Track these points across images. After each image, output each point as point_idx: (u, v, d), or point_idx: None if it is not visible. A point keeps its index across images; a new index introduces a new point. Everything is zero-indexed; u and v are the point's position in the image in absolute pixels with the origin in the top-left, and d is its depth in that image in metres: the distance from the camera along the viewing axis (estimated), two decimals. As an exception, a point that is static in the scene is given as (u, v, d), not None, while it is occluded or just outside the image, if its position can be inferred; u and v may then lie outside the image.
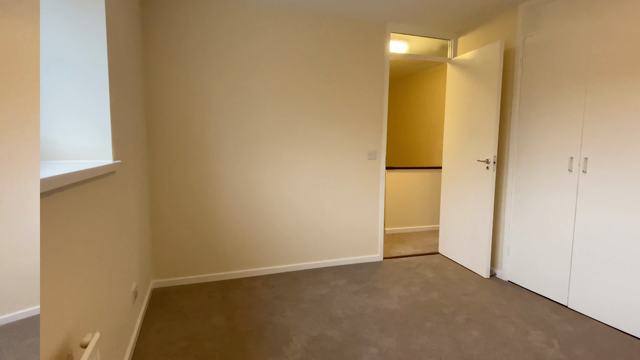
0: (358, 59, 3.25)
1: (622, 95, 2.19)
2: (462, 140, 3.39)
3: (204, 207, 2.91)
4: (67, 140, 1.59)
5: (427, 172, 4.79)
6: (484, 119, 3.09)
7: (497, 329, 2.24)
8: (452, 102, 3.58)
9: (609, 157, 2.26)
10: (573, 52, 2.48)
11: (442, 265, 3.43)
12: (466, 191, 3.34)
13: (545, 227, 2.70)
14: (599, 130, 2.32)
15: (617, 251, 2.23)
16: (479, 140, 3.14)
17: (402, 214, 4.72)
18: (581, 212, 2.44)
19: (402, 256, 3.70)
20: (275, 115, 3.04)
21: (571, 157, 2.50)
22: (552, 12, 2.65)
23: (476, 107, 3.19)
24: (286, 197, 3.14)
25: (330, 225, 3.33)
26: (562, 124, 2.56)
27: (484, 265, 3.12)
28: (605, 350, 2.02)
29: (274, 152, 3.07)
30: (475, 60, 3.21)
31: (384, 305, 2.56)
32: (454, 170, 3.53)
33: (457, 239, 3.48)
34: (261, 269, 3.13)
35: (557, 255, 2.61)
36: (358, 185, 3.39)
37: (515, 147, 2.97)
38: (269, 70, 2.98)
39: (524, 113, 2.88)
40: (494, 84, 2.96)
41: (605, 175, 2.29)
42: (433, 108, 5.46)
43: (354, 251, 3.45)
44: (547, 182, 2.69)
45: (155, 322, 2.30)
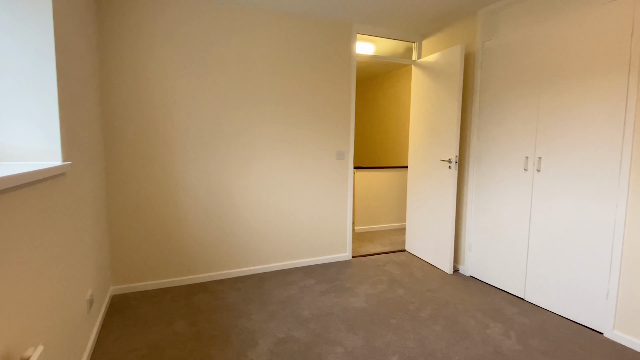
0: (326, 59, 3.26)
1: (570, 99, 2.33)
2: (427, 141, 3.48)
3: (167, 210, 2.82)
4: (11, 141, 1.49)
5: (394, 172, 4.88)
6: (446, 120, 3.18)
7: (459, 323, 2.32)
8: (416, 103, 3.67)
9: (560, 156, 2.40)
10: (527, 58, 2.61)
11: (408, 262, 3.50)
12: (430, 190, 3.44)
13: (504, 224, 2.83)
14: (551, 132, 2.46)
15: (567, 245, 2.37)
16: (442, 141, 3.24)
17: (371, 212, 4.79)
18: (536, 209, 2.57)
19: (371, 254, 3.75)
20: (242, 115, 2.99)
21: (527, 157, 2.63)
22: (508, 18, 2.77)
23: (439, 109, 3.29)
24: (254, 198, 3.10)
25: (300, 226, 3.32)
26: (518, 125, 2.69)
27: (447, 261, 3.22)
28: (558, 340, 2.14)
29: (241, 153, 3.01)
30: (438, 62, 3.31)
31: (352, 303, 2.58)
32: (419, 169, 3.62)
33: (423, 236, 3.58)
34: (228, 271, 3.07)
35: (515, 250, 2.74)
36: (327, 185, 3.40)
37: (475, 147, 3.08)
38: (234, 68, 2.93)
39: (483, 114, 3.00)
40: (455, 86, 3.06)
41: (557, 173, 2.42)
42: (400, 109, 5.57)
43: (323, 251, 3.46)
44: (505, 180, 2.81)
45: (113, 331, 2.19)
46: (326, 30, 3.24)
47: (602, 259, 2.19)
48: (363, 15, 3.14)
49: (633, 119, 2.01)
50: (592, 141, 2.22)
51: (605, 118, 2.15)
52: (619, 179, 2.09)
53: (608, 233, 2.15)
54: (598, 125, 2.19)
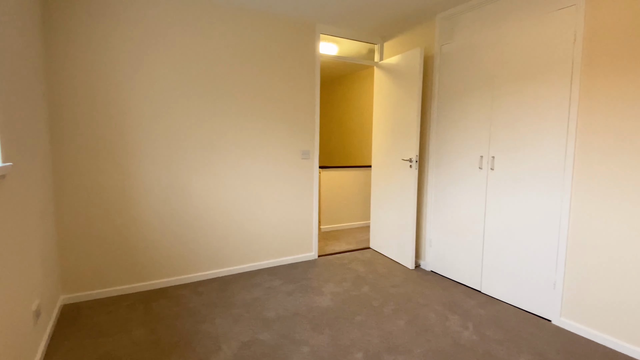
0: (290, 58, 3.25)
1: (520, 101, 2.48)
2: (389, 140, 3.57)
3: (123, 213, 2.68)
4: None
5: (359, 171, 4.96)
6: (407, 121, 3.28)
7: (420, 317, 2.39)
8: (379, 104, 3.74)
9: (512, 155, 2.55)
10: (481, 61, 2.74)
11: (373, 259, 3.57)
12: (393, 188, 3.52)
13: (461, 220, 2.96)
14: (503, 132, 2.60)
15: (519, 239, 2.52)
16: (404, 141, 3.33)
17: (337, 211, 4.83)
18: (490, 205, 2.71)
19: (336, 253, 3.78)
20: (204, 114, 2.90)
21: (481, 156, 2.76)
22: (464, 24, 2.90)
23: (400, 109, 3.38)
24: (217, 199, 3.02)
25: (265, 227, 3.28)
26: (473, 125, 2.82)
27: (409, 257, 3.32)
28: (511, 329, 2.26)
29: (203, 153, 2.93)
30: (399, 64, 3.39)
31: (317, 303, 2.59)
32: (382, 168, 3.70)
33: (386, 234, 3.66)
34: (190, 275, 2.97)
35: (471, 245, 2.87)
36: (292, 185, 3.38)
37: (435, 147, 3.20)
38: (194, 65, 2.84)
39: (442, 115, 3.11)
40: (415, 87, 3.16)
41: (509, 171, 2.57)
42: (364, 109, 5.67)
43: (290, 251, 3.44)
44: (461, 178, 2.94)
45: (64, 342, 2.05)
46: (290, 29, 3.22)
47: (549, 251, 2.35)
48: (326, 15, 3.15)
49: (575, 120, 2.18)
50: (540, 141, 2.37)
51: (552, 119, 2.30)
52: (563, 176, 2.25)
53: (554, 227, 2.31)
54: (545, 126, 2.34)
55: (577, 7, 2.15)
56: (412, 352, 2.00)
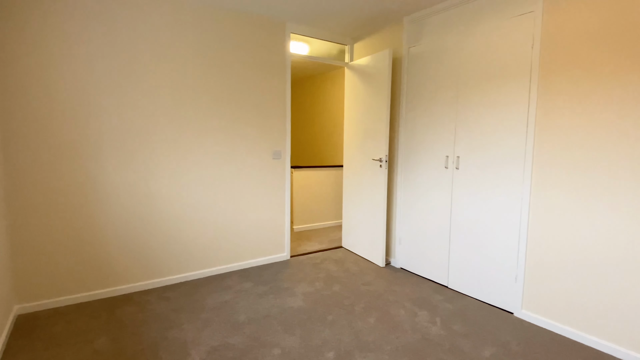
0: (260, 57, 3.21)
1: (483, 103, 2.57)
2: (359, 141, 3.61)
3: (84, 215, 2.55)
4: None
5: (331, 171, 4.98)
6: (377, 121, 3.32)
7: (390, 314, 2.44)
8: (349, 104, 3.78)
9: (476, 155, 2.64)
10: (447, 64, 2.82)
11: (345, 258, 3.60)
12: (364, 188, 3.57)
13: (429, 218, 3.04)
14: (468, 133, 2.69)
15: (483, 235, 2.62)
16: (373, 141, 3.38)
17: (309, 211, 4.83)
18: (456, 203, 2.80)
19: (309, 253, 3.78)
20: (171, 113, 2.81)
21: (447, 156, 2.85)
22: (430, 27, 2.98)
23: (370, 110, 3.42)
24: (186, 201, 2.94)
25: (235, 228, 3.23)
26: (439, 126, 2.90)
27: (380, 255, 3.37)
28: (476, 323, 2.35)
29: (170, 153, 2.84)
30: (368, 65, 3.44)
31: (289, 304, 2.58)
32: (353, 168, 3.73)
33: (357, 232, 3.70)
34: (157, 280, 2.87)
35: (439, 242, 2.96)
36: (263, 186, 3.35)
37: (403, 147, 3.26)
38: (159, 64, 2.74)
39: (410, 116, 3.18)
40: (384, 88, 3.21)
41: (473, 170, 2.66)
42: (335, 109, 5.70)
43: (261, 252, 3.41)
44: (429, 177, 3.02)
45: (19, 355, 1.93)
46: (260, 28, 3.18)
47: (511, 246, 2.46)
48: (296, 15, 3.14)
49: (534, 121, 2.29)
50: (502, 141, 2.47)
51: (512, 120, 2.41)
52: (523, 174, 2.36)
53: (516, 223, 2.42)
54: (506, 126, 2.45)
55: (535, 14, 2.26)
56: (382, 348, 2.03)
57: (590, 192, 2.05)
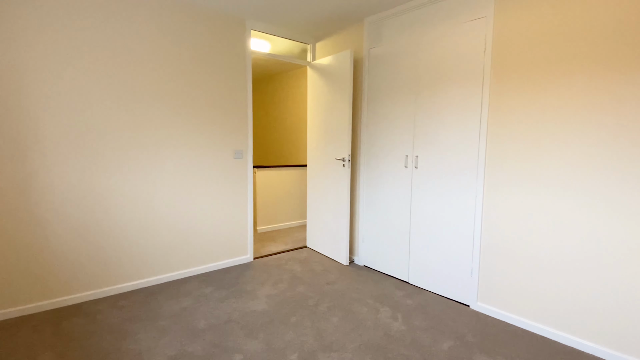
0: (219, 55, 3.11)
1: (440, 104, 2.66)
2: (323, 140, 3.61)
3: (27, 219, 2.34)
4: None
5: (295, 170, 4.95)
6: (339, 121, 3.34)
7: (353, 312, 2.46)
8: (312, 104, 3.77)
9: (433, 155, 2.73)
10: (405, 65, 2.89)
11: (309, 258, 3.59)
12: (327, 187, 3.57)
13: (390, 216, 3.10)
14: (426, 133, 2.77)
15: (440, 232, 2.71)
16: (337, 140, 3.40)
17: (273, 211, 4.77)
18: (415, 201, 2.88)
19: (273, 254, 3.73)
20: (125, 111, 2.66)
21: (406, 155, 2.92)
22: (389, 29, 3.03)
23: (333, 110, 3.43)
24: (140, 203, 2.79)
25: (196, 231, 3.11)
26: (399, 127, 2.97)
27: (343, 254, 3.40)
28: (435, 317, 2.43)
29: (123, 154, 2.68)
30: (330, 65, 3.45)
31: (252, 307, 2.53)
32: (317, 168, 3.73)
33: (322, 232, 3.70)
34: (110, 288, 2.71)
35: (399, 239, 3.03)
36: (225, 187, 3.26)
37: (366, 147, 3.31)
38: (112, 60, 2.58)
39: (371, 116, 3.23)
40: (346, 89, 3.23)
41: (431, 170, 2.75)
42: (299, 108, 5.68)
43: (223, 255, 3.32)
44: (390, 177, 3.08)
45: (-55, 381, 1.73)
46: (219, 24, 3.09)
47: (467, 241, 2.56)
48: (256, 11, 3.08)
49: (486, 122, 2.40)
50: (457, 141, 2.57)
51: (466, 122, 2.51)
52: (477, 172, 2.47)
53: (470, 220, 2.53)
54: (461, 127, 2.55)
55: (487, 19, 2.37)
56: (345, 347, 2.04)
57: (542, 189, 2.18)
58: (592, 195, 1.98)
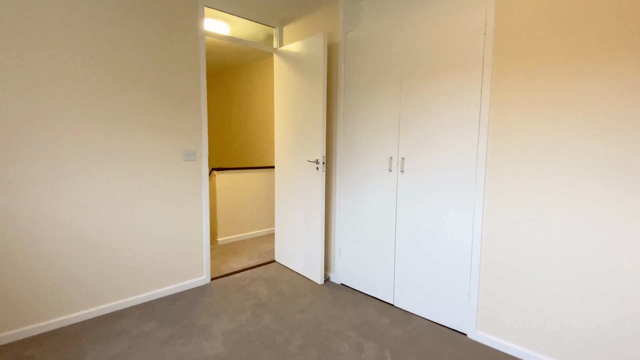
0: (163, 36, 2.54)
1: (430, 96, 2.25)
2: (292, 139, 3.12)
3: None
4: None
5: (262, 172, 4.43)
6: (312, 117, 2.87)
7: (332, 352, 2.00)
8: (280, 98, 3.27)
9: (422, 157, 2.32)
10: (388, 51, 2.46)
11: (278, 276, 3.10)
12: (298, 193, 3.09)
13: (371, 226, 2.67)
14: (413, 131, 2.36)
15: (431, 247, 2.31)
16: (309, 140, 2.92)
17: (237, 219, 4.22)
18: (401, 211, 2.46)
19: (235, 272, 3.20)
20: (32, 109, 2.03)
21: (390, 157, 2.50)
22: (369, 8, 2.59)
23: (304, 105, 2.95)
24: (58, 220, 2.17)
25: (135, 250, 2.53)
26: (382, 123, 2.54)
27: (318, 270, 2.93)
28: (429, 351, 2.02)
29: (41, 153, 2.06)
30: (300, 52, 2.96)
31: (204, 351, 2.00)
32: (286, 170, 3.24)
33: (292, 244, 3.22)
34: (15, 332, 2.08)
35: (383, 253, 2.60)
36: (173, 194, 2.69)
37: (343, 147, 2.85)
38: (28, 45, 1.95)
39: (349, 111, 2.78)
40: (319, 79, 2.76)
41: (420, 174, 2.34)
42: (266, 103, 5.14)
43: (172, 278, 2.75)
44: (371, 181, 2.65)
45: None
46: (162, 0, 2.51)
47: (463, 259, 2.17)
48: (210, -17, 2.54)
49: (487, 118, 2.01)
50: (452, 140, 2.17)
51: (463, 116, 2.11)
52: (475, 178, 2.08)
53: (467, 234, 2.14)
54: (456, 123, 2.15)
55: (486, -4, 1.97)
56: (323, 408, 1.58)
57: (552, 198, 1.82)
58: (617, 218, 1.63)
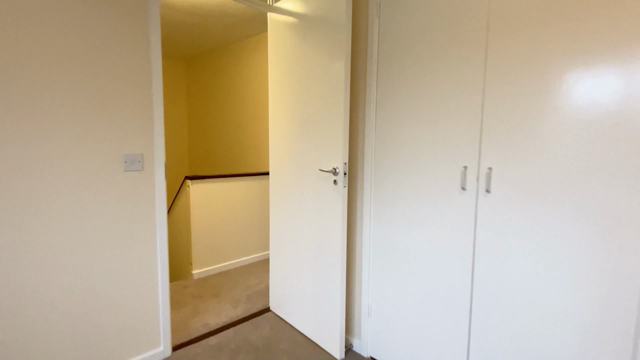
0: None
1: (537, 65, 1.30)
2: (295, 138, 2.14)
3: None
4: None
5: (254, 180, 3.44)
6: (326, 105, 1.89)
7: None
8: (277, 80, 2.28)
9: (525, 166, 1.36)
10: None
11: (274, 340, 2.10)
12: (304, 215, 2.10)
13: (424, 277, 1.70)
14: (509, 124, 1.40)
15: (534, 312, 1.34)
16: (320, 139, 1.94)
17: (218, 244, 3.22)
18: (482, 251, 1.49)
19: (211, 333, 2.19)
20: None
21: (465, 167, 1.53)
22: None
23: (313, 87, 1.97)
24: None
25: (45, 314, 1.52)
26: (449, 112, 1.58)
27: (335, 335, 1.95)
28: None
29: None
30: (308, 10, 1.99)
31: None
32: (285, 182, 2.25)
33: (295, 287, 2.23)
34: None
35: (447, 315, 1.63)
36: (101, 224, 1.68)
37: (375, 151, 1.89)
38: None
39: (386, 94, 1.81)
40: (339, 48, 1.79)
41: (520, 195, 1.38)
42: (260, 91, 4.15)
43: (105, 356, 1.74)
44: (426, 206, 1.68)
45: None
46: None
47: (616, 334, 1.21)
48: None
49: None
50: (590, 137, 1.22)
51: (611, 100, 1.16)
52: (629, 200, 1.13)
53: (609, 292, 1.18)
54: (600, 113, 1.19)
55: None
56: None
57: None
58: None
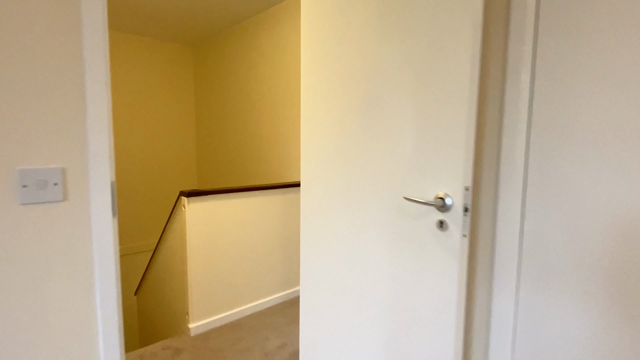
0: None
1: None
2: (351, 140, 1.25)
3: None
4: None
5: (276, 195, 2.59)
6: (429, 93, 1.00)
7: None
8: (319, 47, 1.40)
9: None
10: None
11: None
12: (373, 285, 1.21)
13: None
14: None
15: None
16: (408, 142, 1.05)
17: (225, 285, 2.36)
18: None
19: None
20: None
21: None
22: None
23: (405, 64, 1.09)
24: None
25: None
26: None
27: None
28: None
29: None
30: None
31: None
32: (330, 208, 1.36)
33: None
34: None
35: None
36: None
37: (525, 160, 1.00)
38: None
39: (552, 85, 0.93)
40: None
41: None
42: (287, 79, 3.30)
43: None
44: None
45: None
46: None
47: None
48: None
49: None
50: None
51: None
52: None
53: None
54: None
55: None
56: None
57: None
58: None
